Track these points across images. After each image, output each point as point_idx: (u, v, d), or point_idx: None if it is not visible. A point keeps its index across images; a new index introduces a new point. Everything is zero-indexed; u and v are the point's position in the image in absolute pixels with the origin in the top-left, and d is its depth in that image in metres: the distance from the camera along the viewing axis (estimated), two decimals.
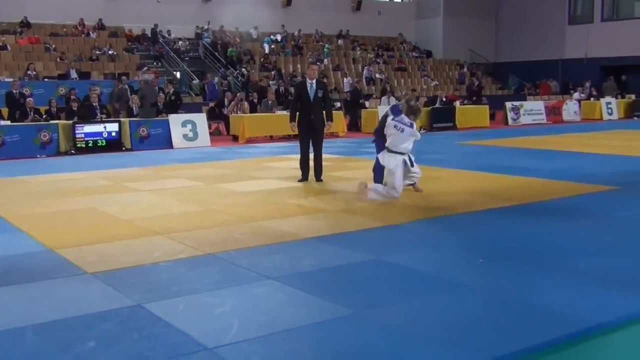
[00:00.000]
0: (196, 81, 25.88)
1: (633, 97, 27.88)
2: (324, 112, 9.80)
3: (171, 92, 19.40)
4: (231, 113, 18.88)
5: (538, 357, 3.50)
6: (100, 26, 26.98)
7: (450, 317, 4.08)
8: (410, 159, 8.29)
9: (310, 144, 9.79)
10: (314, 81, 9.69)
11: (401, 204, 8.01)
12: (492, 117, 23.56)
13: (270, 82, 24.76)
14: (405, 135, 8.18)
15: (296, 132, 9.90)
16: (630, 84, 31.01)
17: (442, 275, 4.98)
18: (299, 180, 9.84)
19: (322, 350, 3.61)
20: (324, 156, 10.09)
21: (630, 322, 3.97)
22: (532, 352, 3.53)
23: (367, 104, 22.87)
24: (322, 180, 9.80)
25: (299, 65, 29.25)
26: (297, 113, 9.81)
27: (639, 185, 8.98)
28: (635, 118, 25.79)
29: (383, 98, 22.91)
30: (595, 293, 4.47)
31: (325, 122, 9.87)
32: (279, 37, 31.02)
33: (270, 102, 19.56)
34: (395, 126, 8.21)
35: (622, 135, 18.10)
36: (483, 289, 4.64)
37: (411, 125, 8.20)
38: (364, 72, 29.93)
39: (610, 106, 25.96)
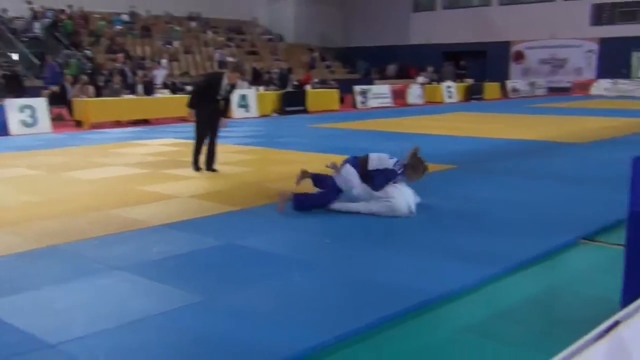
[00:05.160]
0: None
1: (471, 81, 29.75)
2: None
3: None
4: (75, 97, 17.95)
5: (384, 330, 3.66)
6: None
7: (300, 298, 4.16)
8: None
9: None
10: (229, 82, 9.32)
11: (251, 187, 8.04)
12: (341, 100, 24.18)
13: (117, 65, 23.82)
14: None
15: (193, 120, 9.35)
16: (468, 69, 33.08)
17: (292, 257, 5.06)
18: (196, 170, 9.34)
19: (172, 339, 3.55)
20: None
21: (468, 291, 4.25)
22: (379, 325, 3.68)
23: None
24: (216, 170, 9.31)
25: (147, 48, 28.36)
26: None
27: (475, 165, 9.60)
28: (473, 101, 27.52)
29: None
30: (436, 266, 4.74)
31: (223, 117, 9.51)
32: (125, 18, 29.88)
33: (116, 85, 18.82)
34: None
35: (460, 117, 19.26)
36: (332, 269, 4.75)
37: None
38: (216, 55, 29.59)
39: (451, 90, 27.54)
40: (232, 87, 9.42)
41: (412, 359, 3.34)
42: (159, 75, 22.79)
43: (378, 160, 6.48)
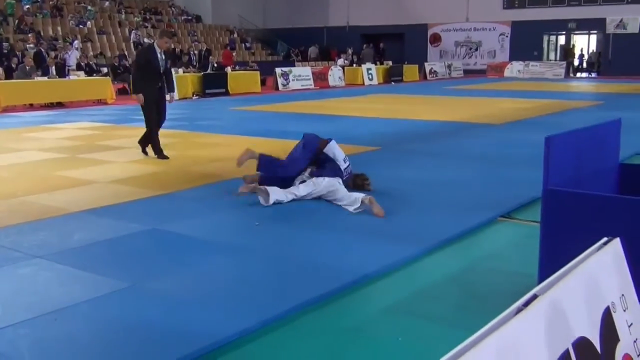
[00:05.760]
0: None
1: (390, 63, 30.15)
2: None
3: None
4: None
5: (309, 312, 3.70)
6: None
7: (226, 282, 4.15)
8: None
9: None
10: (162, 51, 8.78)
11: (174, 171, 7.93)
12: (263, 82, 24.05)
13: (28, 45, 22.84)
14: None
15: (142, 103, 8.72)
16: (387, 51, 33.50)
17: (219, 241, 5.03)
18: (163, 158, 8.81)
19: (98, 327, 3.48)
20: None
21: (391, 271, 4.35)
22: (303, 308, 3.72)
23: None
24: (147, 154, 8.95)
25: (59, 28, 27.30)
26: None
27: (398, 146, 9.78)
28: (393, 83, 27.92)
29: None
30: (360, 247, 4.81)
31: (168, 92, 9.00)
32: None
33: (28, 67, 18.06)
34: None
35: (381, 99, 19.52)
36: (258, 252, 4.75)
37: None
38: (132, 36, 28.81)
39: (371, 72, 27.81)
40: (167, 55, 8.99)
41: (337, 340, 3.40)
42: (72, 56, 22.01)
43: (334, 152, 6.56)
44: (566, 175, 3.49)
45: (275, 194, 6.09)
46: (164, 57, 8.77)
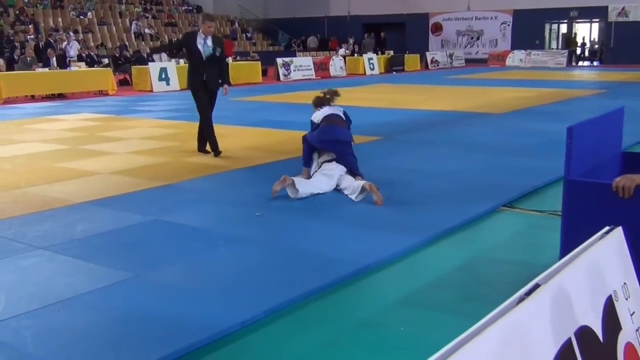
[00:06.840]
0: None
1: (391, 53, 30.07)
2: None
3: None
4: None
5: (312, 302, 3.71)
6: None
7: (229, 273, 4.15)
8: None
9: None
10: (209, 37, 8.11)
11: (176, 162, 7.93)
12: (264, 73, 23.99)
13: (29, 37, 22.82)
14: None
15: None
16: (389, 41, 33.40)
17: (221, 231, 5.04)
18: (202, 152, 8.44)
19: (101, 317, 3.49)
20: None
21: (395, 261, 4.36)
22: (306, 298, 3.73)
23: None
24: (220, 152, 8.29)
25: (60, 19, 27.25)
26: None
27: (399, 135, 9.77)
28: (394, 72, 27.85)
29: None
30: (363, 237, 4.81)
31: (223, 84, 8.51)
32: None
33: (29, 58, 18.04)
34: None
35: (382, 89, 19.48)
36: (261, 241, 4.77)
37: None
38: (132, 26, 28.75)
39: (372, 62, 27.74)
40: (216, 41, 8.28)
41: (341, 330, 3.39)
42: (73, 47, 21.97)
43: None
44: (582, 165, 3.48)
45: (303, 187, 6.01)
46: (210, 44, 8.09)
